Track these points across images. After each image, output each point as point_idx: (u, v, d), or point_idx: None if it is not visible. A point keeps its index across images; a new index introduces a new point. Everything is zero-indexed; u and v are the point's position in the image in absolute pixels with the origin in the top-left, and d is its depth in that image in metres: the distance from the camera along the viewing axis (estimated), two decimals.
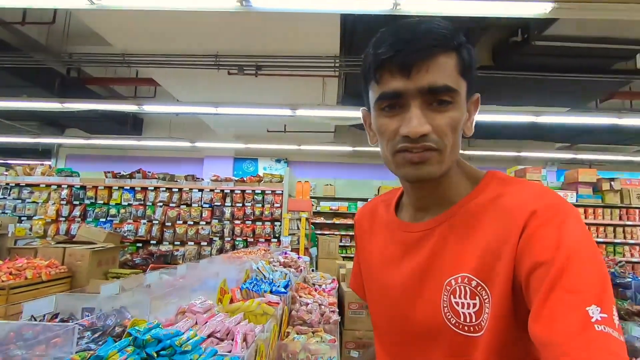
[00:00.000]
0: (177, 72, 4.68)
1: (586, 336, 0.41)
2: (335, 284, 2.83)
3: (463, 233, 0.60)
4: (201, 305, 1.20)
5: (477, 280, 0.56)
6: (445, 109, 0.57)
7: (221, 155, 8.81)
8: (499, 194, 0.59)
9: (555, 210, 0.52)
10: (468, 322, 0.57)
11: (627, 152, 8.34)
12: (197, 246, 5.78)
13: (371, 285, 0.76)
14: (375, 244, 0.76)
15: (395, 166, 0.61)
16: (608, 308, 0.43)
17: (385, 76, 0.57)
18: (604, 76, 4.51)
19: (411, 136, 0.56)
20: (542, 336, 0.44)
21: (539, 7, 2.51)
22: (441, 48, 0.55)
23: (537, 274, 0.48)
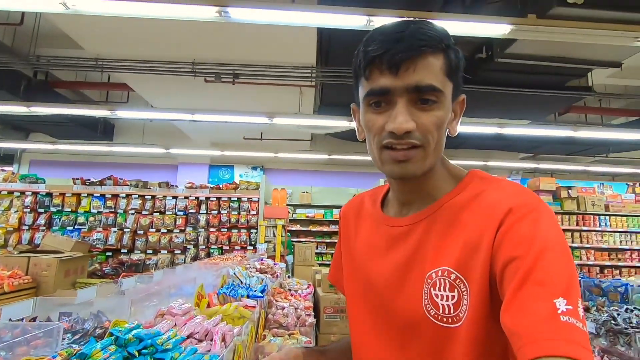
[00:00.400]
0: (152, 78, 4.63)
1: (552, 325, 0.43)
2: (311, 289, 2.88)
3: (445, 228, 0.62)
4: (180, 308, 1.23)
5: (457, 274, 0.58)
6: (430, 107, 0.59)
7: (196, 162, 8.70)
8: (480, 191, 0.62)
9: (530, 208, 0.55)
10: (446, 313, 0.59)
11: (583, 162, 8.94)
12: (171, 255, 5.66)
13: (354, 277, 0.77)
14: (360, 236, 0.77)
15: (380, 162, 0.64)
16: (574, 300, 0.46)
17: (375, 73, 0.59)
18: (560, 92, 4.87)
19: (396, 132, 0.57)
20: (511, 325, 0.47)
21: (500, 28, 2.73)
22: (429, 48, 0.57)
23: (510, 267, 0.50)
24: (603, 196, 6.19)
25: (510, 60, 4.14)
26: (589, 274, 5.59)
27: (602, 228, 5.90)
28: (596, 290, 1.94)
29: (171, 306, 1.21)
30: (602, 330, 1.51)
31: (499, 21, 2.72)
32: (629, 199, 6.30)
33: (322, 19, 2.80)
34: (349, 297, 0.78)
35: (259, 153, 7.44)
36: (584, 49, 3.92)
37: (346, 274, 0.81)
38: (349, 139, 8.09)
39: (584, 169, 8.48)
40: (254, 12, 2.73)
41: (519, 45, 3.85)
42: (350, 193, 8.33)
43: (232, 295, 1.93)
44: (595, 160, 8.79)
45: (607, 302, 1.81)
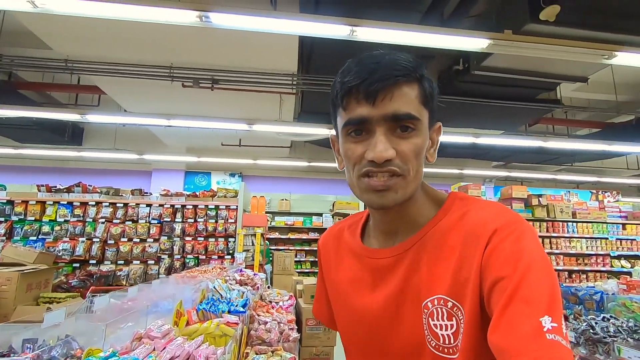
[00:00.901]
0: (126, 81, 4.46)
1: (538, 344, 0.44)
2: (293, 300, 2.82)
3: (434, 255, 0.62)
4: (159, 330, 1.16)
5: (452, 301, 0.58)
6: (409, 135, 0.59)
7: (171, 168, 8.44)
8: (463, 213, 0.62)
9: (513, 228, 0.56)
10: (447, 343, 0.58)
11: (550, 171, 9.37)
12: (144, 265, 5.42)
13: (342, 312, 0.75)
14: (343, 270, 0.75)
15: (359, 191, 0.63)
16: (558, 318, 0.47)
17: (352, 103, 0.60)
18: (531, 104, 5.10)
19: (376, 160, 0.57)
20: (499, 344, 0.47)
21: (479, 42, 2.81)
22: (404, 78, 0.58)
23: (498, 287, 0.51)
24: (570, 203, 6.48)
25: (485, 73, 4.29)
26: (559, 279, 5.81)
27: (569, 234, 6.16)
28: (573, 298, 2.00)
29: (149, 328, 1.13)
30: (581, 339, 1.55)
31: (477, 35, 2.80)
32: (593, 206, 6.62)
33: (304, 28, 2.79)
34: (342, 332, 0.77)
35: (238, 160, 7.32)
36: (554, 64, 4.11)
37: (335, 309, 0.79)
38: (328, 146, 8.05)
39: (552, 177, 8.89)
40: (236, 18, 2.69)
41: (494, 58, 4.00)
42: (329, 200, 8.33)
43: (213, 311, 1.84)
44: (562, 169, 9.24)
45: (583, 311, 1.87)
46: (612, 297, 1.79)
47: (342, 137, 0.64)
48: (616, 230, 6.40)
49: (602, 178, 8.40)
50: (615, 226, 6.43)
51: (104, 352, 0.88)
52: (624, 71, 5.60)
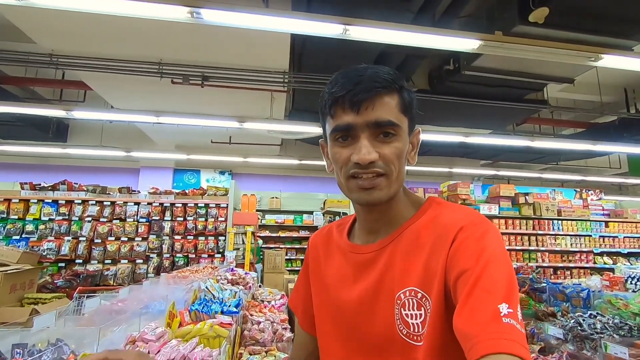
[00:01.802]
0: (114, 77, 4.37)
1: (496, 327, 0.50)
2: (285, 299, 2.82)
3: (408, 250, 0.68)
4: (153, 333, 1.14)
5: (422, 292, 0.63)
6: (390, 140, 0.66)
7: (160, 166, 8.32)
8: (436, 214, 0.69)
9: (477, 227, 0.62)
10: (416, 331, 0.63)
11: (536, 169, 9.56)
12: (132, 264, 5.33)
13: (324, 307, 0.79)
14: (330, 266, 0.80)
15: (348, 191, 0.69)
16: (514, 305, 0.52)
17: (339, 111, 0.66)
18: (519, 104, 5.18)
19: (361, 163, 0.64)
20: (462, 328, 0.52)
21: (470, 43, 2.84)
22: (385, 89, 0.65)
23: (462, 279, 0.57)
24: (555, 202, 6.62)
25: (475, 73, 4.34)
26: (544, 275, 5.94)
27: (555, 232, 6.30)
28: (560, 296, 2.05)
29: (143, 331, 1.12)
30: (569, 335, 1.59)
31: (468, 36, 2.83)
32: (577, 204, 6.79)
33: (297, 26, 2.77)
34: (319, 325, 0.81)
35: (228, 157, 7.25)
36: (542, 65, 4.18)
37: (316, 303, 0.83)
38: (319, 144, 8.11)
39: (538, 176, 9.07)
40: (227, 15, 2.65)
41: (484, 59, 4.05)
42: (320, 198, 8.33)
43: (205, 312, 1.83)
44: (548, 168, 9.43)
45: (570, 308, 1.92)
46: (598, 294, 1.84)
47: (331, 142, 0.70)
48: (599, 227, 6.58)
49: (586, 177, 8.61)
50: (598, 224, 6.60)
51: None
52: (608, 73, 5.74)
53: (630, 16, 3.31)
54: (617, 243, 6.57)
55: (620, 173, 9.07)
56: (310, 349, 0.88)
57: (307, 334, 0.88)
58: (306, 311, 0.88)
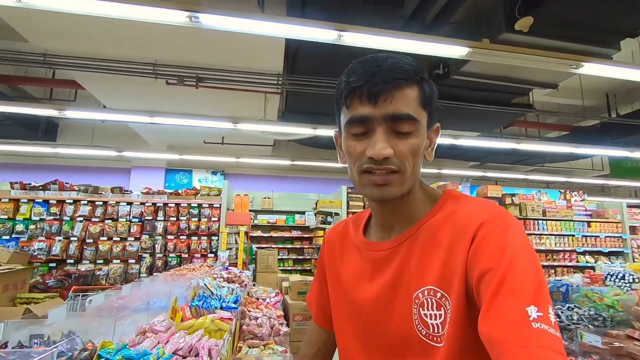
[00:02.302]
0: (108, 77, 4.39)
1: (525, 333, 0.45)
2: (280, 297, 2.89)
3: (425, 248, 0.65)
4: (162, 325, 1.21)
5: (441, 292, 0.60)
6: (407, 136, 0.62)
7: (151, 165, 8.29)
8: (453, 210, 0.65)
9: (498, 222, 0.58)
10: (436, 332, 0.60)
11: (522, 171, 9.81)
12: (124, 264, 5.33)
13: (341, 303, 0.78)
14: (346, 263, 0.79)
15: (360, 186, 0.66)
16: (544, 307, 0.48)
17: (355, 102, 0.63)
18: (506, 108, 5.35)
19: (375, 158, 0.61)
20: (488, 334, 0.49)
21: (458, 50, 2.96)
22: (405, 81, 0.61)
23: (485, 279, 0.53)
24: (540, 202, 6.83)
25: (464, 78, 4.48)
26: None
27: (540, 232, 6.51)
28: None
29: (153, 322, 1.18)
30: None
31: (457, 43, 2.95)
32: (562, 205, 7.02)
33: (293, 31, 2.85)
34: (337, 321, 0.80)
35: (220, 158, 7.28)
36: (527, 71, 4.35)
37: (333, 298, 0.82)
38: (311, 145, 8.18)
39: (524, 177, 9.31)
40: (225, 19, 2.72)
41: (472, 64, 4.19)
42: (312, 199, 8.41)
43: (205, 307, 1.89)
44: (533, 170, 9.69)
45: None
46: (576, 289, 1.96)
47: (345, 133, 0.67)
48: (582, 227, 6.81)
49: (570, 178, 8.88)
50: (581, 224, 6.84)
51: (116, 344, 0.93)
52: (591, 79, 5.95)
53: (609, 26, 3.49)
54: (599, 242, 6.81)
55: (602, 175, 9.37)
56: (323, 343, 0.87)
57: (321, 328, 0.88)
58: (320, 306, 0.88)
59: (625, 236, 6.95)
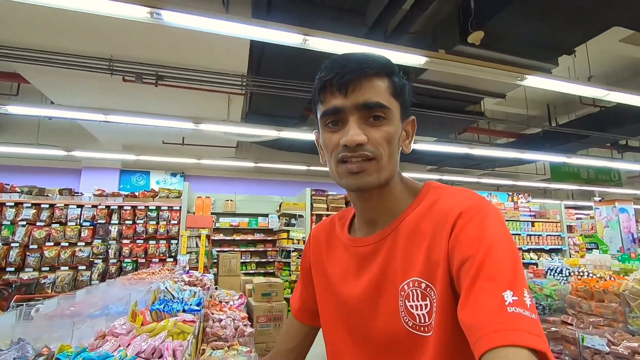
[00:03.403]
0: (58, 71, 4.11)
1: (500, 317, 0.46)
2: (243, 299, 2.87)
3: (409, 240, 0.65)
4: (123, 328, 1.18)
5: (426, 282, 0.61)
6: (380, 123, 0.63)
7: (105, 166, 7.83)
8: (434, 200, 0.66)
9: (477, 210, 0.59)
10: (422, 322, 0.61)
11: (475, 174, 10.45)
12: (73, 271, 4.99)
13: (328, 301, 0.78)
14: (333, 261, 0.79)
15: (338, 177, 0.67)
16: (519, 291, 0.49)
17: (327, 96, 0.65)
18: (460, 115, 5.69)
19: (349, 145, 0.61)
20: (466, 321, 0.50)
21: (417, 59, 3.12)
22: (373, 71, 0.63)
23: (464, 267, 0.54)
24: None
25: (422, 85, 4.72)
26: None
27: None
28: None
29: (113, 325, 1.15)
30: None
31: (416, 52, 3.11)
32: (510, 206, 7.56)
33: (258, 33, 2.85)
34: (325, 319, 0.80)
35: (180, 159, 7.04)
36: (478, 81, 4.66)
37: (320, 296, 0.82)
38: (275, 147, 8.17)
39: (476, 180, 9.92)
40: (187, 17, 2.66)
41: (429, 73, 4.43)
42: (276, 201, 8.37)
43: (167, 311, 1.85)
44: (485, 174, 10.34)
45: None
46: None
47: (321, 128, 0.69)
48: (527, 227, 7.38)
49: (517, 182, 9.59)
50: (526, 224, 7.41)
51: (75, 347, 0.90)
52: (534, 90, 6.50)
53: (550, 43, 3.85)
54: (541, 240, 7.41)
55: (544, 179, 10.21)
56: (302, 338, 0.88)
57: (301, 323, 0.88)
58: (303, 301, 0.88)
59: (564, 234, 7.63)
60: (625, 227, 8.88)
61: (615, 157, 9.01)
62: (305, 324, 0.88)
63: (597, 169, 9.44)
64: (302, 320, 0.88)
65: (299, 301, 0.90)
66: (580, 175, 9.51)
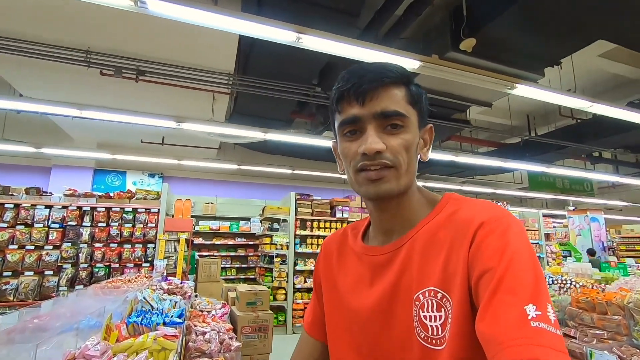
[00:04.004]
0: (28, 61, 3.83)
1: (523, 332, 0.45)
2: (227, 308, 2.70)
3: (427, 249, 0.64)
4: (97, 349, 1.02)
5: (442, 292, 0.59)
6: (398, 131, 0.64)
7: (77, 165, 7.41)
8: (454, 211, 0.66)
9: (499, 222, 0.58)
10: (435, 335, 0.59)
11: (456, 182, 10.60)
12: (39, 276, 4.64)
13: (337, 313, 0.76)
14: (344, 271, 0.77)
15: (357, 185, 0.67)
16: (543, 306, 0.48)
17: (345, 106, 0.66)
18: (446, 122, 5.73)
19: (367, 153, 0.62)
20: (485, 333, 0.48)
21: (411, 63, 3.07)
22: (390, 80, 0.64)
23: (484, 279, 0.53)
24: None
25: None
26: None
27: None
28: None
29: (85, 346, 0.99)
30: None
31: (410, 57, 3.06)
32: None
33: (249, 28, 2.73)
34: (331, 332, 0.77)
35: (160, 159, 6.75)
36: (467, 88, 4.70)
37: (328, 308, 0.79)
38: (259, 149, 7.99)
39: (458, 188, 10.05)
40: (174, 7, 2.51)
41: (419, 79, 4.40)
42: (259, 205, 8.18)
43: (145, 324, 1.68)
44: (466, 181, 10.51)
45: None
46: None
47: (339, 137, 0.69)
48: None
49: (496, 190, 9.79)
50: None
51: None
52: (515, 101, 6.65)
53: (538, 54, 3.91)
54: None
55: (522, 188, 10.48)
56: (315, 357, 0.83)
57: (314, 340, 0.84)
58: (315, 316, 0.85)
59: (542, 242, 7.81)
60: (596, 236, 9.22)
61: (588, 168, 9.35)
62: (319, 341, 0.84)
63: (571, 179, 9.78)
64: (315, 336, 0.84)
65: (311, 315, 0.86)
66: (556, 185, 9.83)
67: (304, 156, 8.12)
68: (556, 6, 3.29)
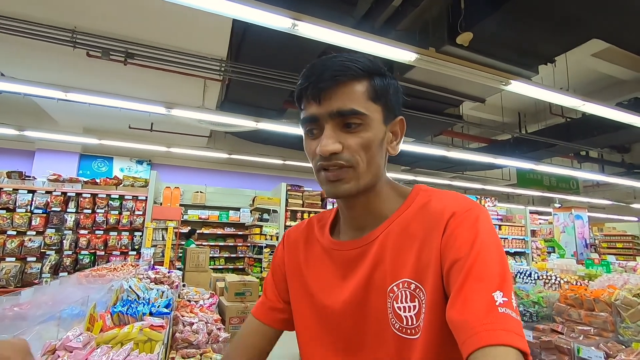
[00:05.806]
0: (10, 39, 3.66)
1: (491, 317, 0.48)
2: (215, 298, 2.66)
3: (399, 241, 0.64)
4: (79, 340, 0.97)
5: (415, 283, 0.60)
6: (356, 130, 0.62)
7: (62, 149, 7.20)
8: (425, 202, 0.66)
9: (469, 212, 0.60)
10: (409, 324, 0.60)
11: (446, 177, 10.68)
12: (21, 262, 4.53)
13: (308, 311, 0.74)
14: (314, 267, 0.75)
15: (320, 183, 0.66)
16: (508, 293, 0.51)
17: (305, 104, 0.65)
18: (439, 117, 5.72)
19: (322, 154, 0.61)
20: (456, 319, 0.50)
21: (408, 55, 3.03)
22: (347, 77, 0.62)
23: (455, 268, 0.55)
24: None
25: (406, 84, 4.67)
26: None
27: None
28: None
29: (67, 337, 0.94)
30: None
31: (407, 48, 3.02)
32: None
33: (243, 12, 2.64)
34: (302, 332, 0.74)
35: (148, 146, 6.60)
36: (461, 83, 4.68)
37: (296, 305, 0.76)
38: (251, 139, 7.89)
39: (448, 183, 10.13)
40: None
41: (415, 72, 4.38)
42: (249, 195, 8.11)
43: (131, 314, 1.64)
44: (456, 177, 10.60)
45: None
46: None
47: (303, 135, 0.68)
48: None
49: (485, 186, 9.90)
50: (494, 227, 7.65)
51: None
52: (507, 98, 6.68)
53: (533, 51, 3.91)
54: (507, 244, 7.68)
55: (510, 184, 10.62)
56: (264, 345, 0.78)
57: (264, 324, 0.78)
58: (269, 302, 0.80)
59: (527, 238, 7.95)
60: (579, 233, 9.42)
61: (575, 166, 9.51)
62: (272, 328, 0.79)
63: (558, 177, 9.95)
64: (270, 324, 0.79)
65: (268, 302, 0.80)
66: (543, 182, 9.99)
67: (295, 147, 8.05)
68: (551, 3, 3.28)
